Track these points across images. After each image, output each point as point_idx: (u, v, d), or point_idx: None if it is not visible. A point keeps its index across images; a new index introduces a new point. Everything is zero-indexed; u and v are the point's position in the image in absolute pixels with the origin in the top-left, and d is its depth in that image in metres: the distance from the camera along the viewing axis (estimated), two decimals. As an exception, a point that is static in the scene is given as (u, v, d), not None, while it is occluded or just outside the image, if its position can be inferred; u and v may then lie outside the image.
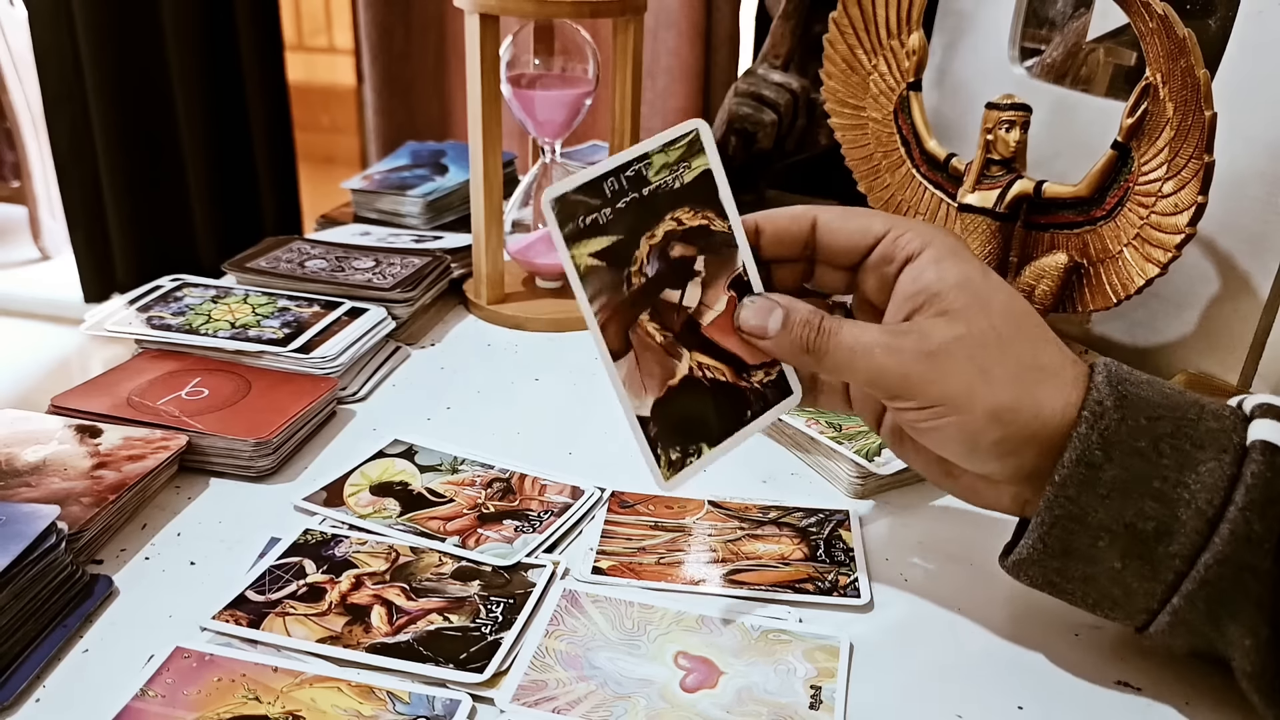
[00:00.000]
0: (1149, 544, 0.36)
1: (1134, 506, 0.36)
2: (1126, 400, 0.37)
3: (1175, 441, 0.36)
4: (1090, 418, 0.37)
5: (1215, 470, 0.36)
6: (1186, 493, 0.36)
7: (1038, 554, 0.39)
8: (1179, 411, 0.37)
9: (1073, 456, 0.37)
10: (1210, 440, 0.36)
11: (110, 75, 1.85)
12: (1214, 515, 0.35)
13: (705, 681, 0.41)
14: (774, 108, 0.77)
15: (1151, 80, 0.53)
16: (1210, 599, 0.36)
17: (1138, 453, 0.36)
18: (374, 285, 0.70)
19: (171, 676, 0.39)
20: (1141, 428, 0.37)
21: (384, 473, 0.54)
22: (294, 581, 0.45)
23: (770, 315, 0.42)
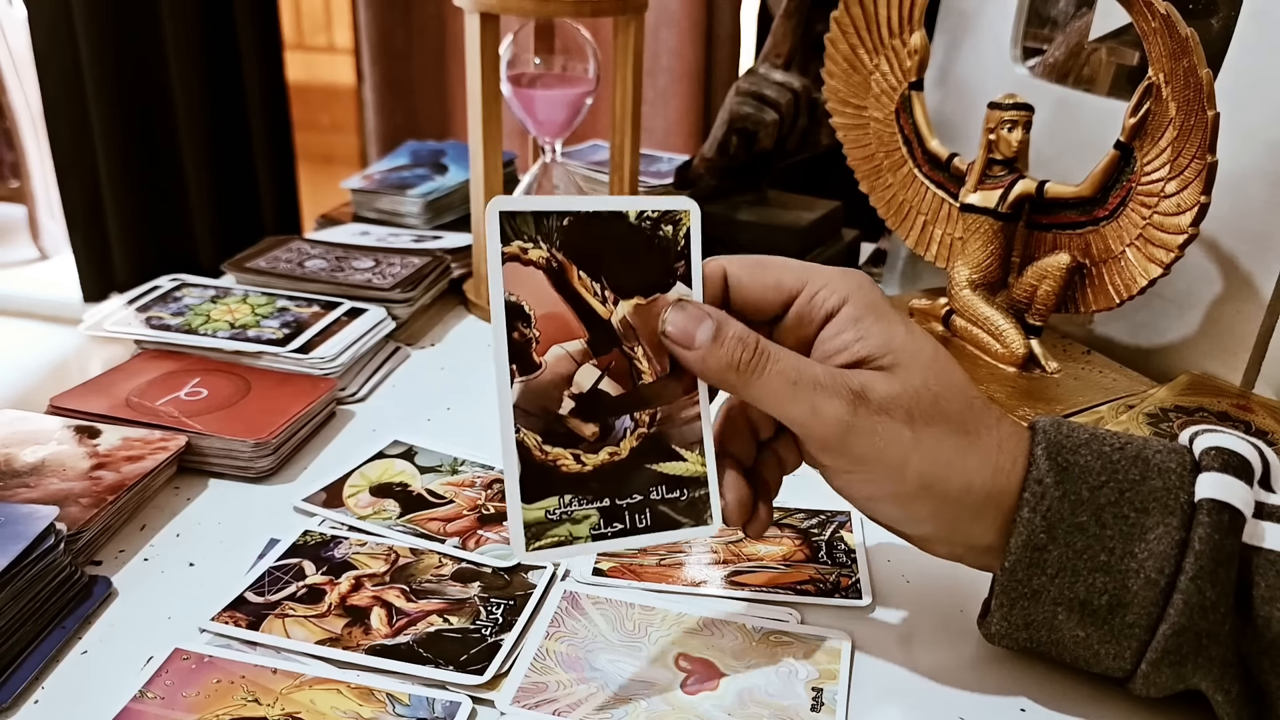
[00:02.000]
0: (1105, 616, 0.36)
1: (1084, 583, 0.36)
2: (1067, 473, 0.36)
3: (1119, 510, 0.36)
4: (1032, 499, 0.36)
5: (1163, 537, 0.35)
6: (1134, 563, 0.35)
7: (1005, 628, 0.39)
8: (1121, 474, 0.36)
9: (1018, 541, 0.36)
10: (1155, 503, 0.36)
11: (110, 75, 1.85)
12: (1166, 585, 0.35)
13: (706, 683, 0.40)
14: (775, 107, 0.77)
15: (1154, 80, 0.53)
16: (1175, 664, 0.36)
17: (1079, 529, 0.36)
18: (374, 285, 0.70)
19: (170, 678, 0.39)
20: (1083, 501, 0.36)
21: (384, 474, 0.54)
22: (293, 583, 0.45)
23: (701, 324, 0.37)
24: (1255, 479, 0.37)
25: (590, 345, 0.38)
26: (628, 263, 0.39)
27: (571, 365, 0.38)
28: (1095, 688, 0.41)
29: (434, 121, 1.80)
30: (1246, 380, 0.58)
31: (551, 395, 0.38)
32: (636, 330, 0.39)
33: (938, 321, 0.67)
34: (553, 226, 0.37)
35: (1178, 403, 0.56)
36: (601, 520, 0.38)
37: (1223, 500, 0.35)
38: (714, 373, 0.38)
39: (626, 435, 0.39)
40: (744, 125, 0.78)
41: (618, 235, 0.39)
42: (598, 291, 0.38)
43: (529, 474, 0.37)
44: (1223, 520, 0.35)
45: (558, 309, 0.38)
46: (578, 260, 0.38)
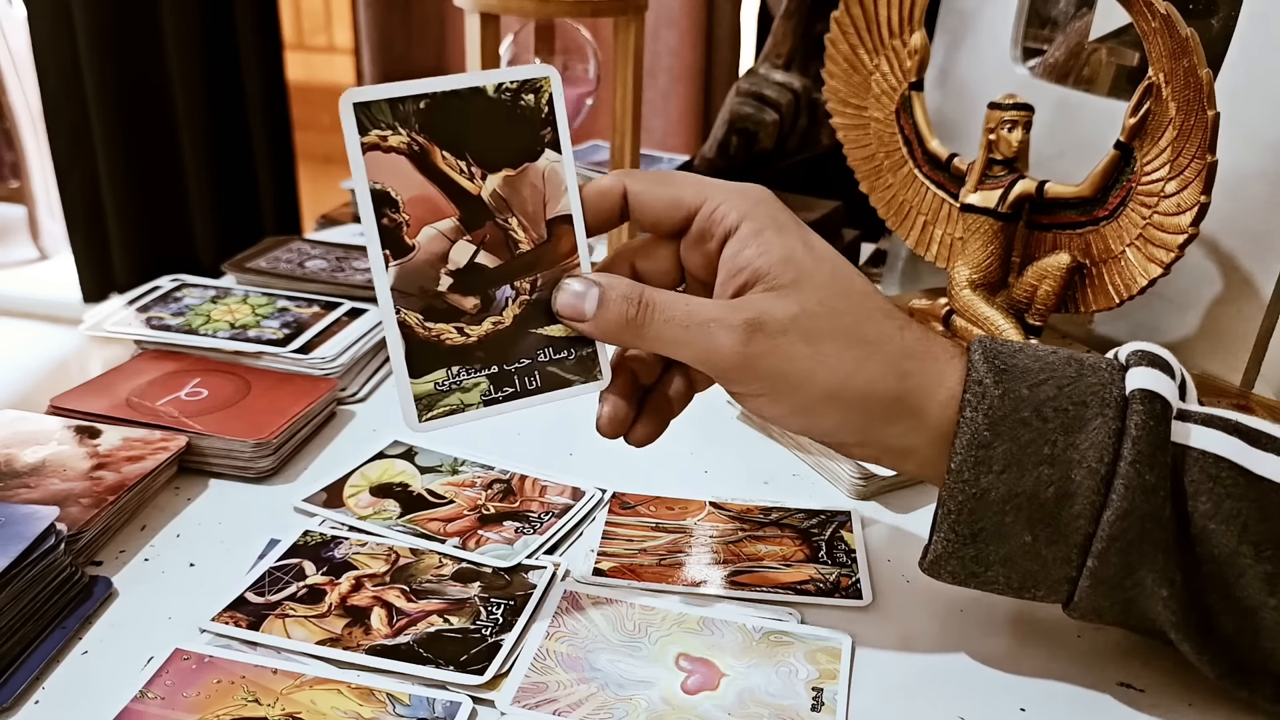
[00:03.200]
0: (1052, 510, 0.37)
1: (1030, 475, 0.37)
2: (1006, 373, 0.37)
3: (1058, 404, 0.37)
4: (973, 399, 0.37)
5: (1101, 428, 0.36)
6: (1076, 454, 0.36)
7: (950, 545, 0.39)
8: (1058, 373, 0.38)
9: (963, 441, 0.37)
10: (1092, 396, 0.37)
11: (109, 75, 1.85)
12: (1106, 473, 0.36)
13: (706, 683, 0.40)
14: (775, 107, 0.77)
15: (1154, 80, 0.53)
16: (1121, 552, 0.36)
17: (1023, 423, 0.37)
18: (374, 285, 0.70)
19: (171, 678, 0.39)
20: (1023, 398, 0.37)
21: (384, 474, 0.54)
22: (293, 583, 0.45)
23: (586, 297, 0.39)
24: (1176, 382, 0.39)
25: (462, 222, 0.39)
26: (492, 136, 0.39)
27: (445, 243, 0.39)
28: (1095, 687, 0.41)
29: (434, 121, 1.80)
30: (1246, 380, 0.58)
31: (428, 274, 0.39)
32: (509, 201, 0.39)
33: (938, 321, 0.67)
34: (409, 110, 0.38)
35: (1178, 403, 0.56)
36: (491, 386, 0.40)
37: (1153, 390, 0.37)
38: (610, 335, 0.40)
39: (509, 304, 0.40)
40: (744, 125, 0.78)
41: (478, 110, 0.39)
42: (464, 169, 0.39)
43: (414, 350, 0.39)
44: (1155, 408, 0.36)
45: (425, 191, 0.39)
46: (440, 140, 0.39)
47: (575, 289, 0.40)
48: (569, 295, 0.40)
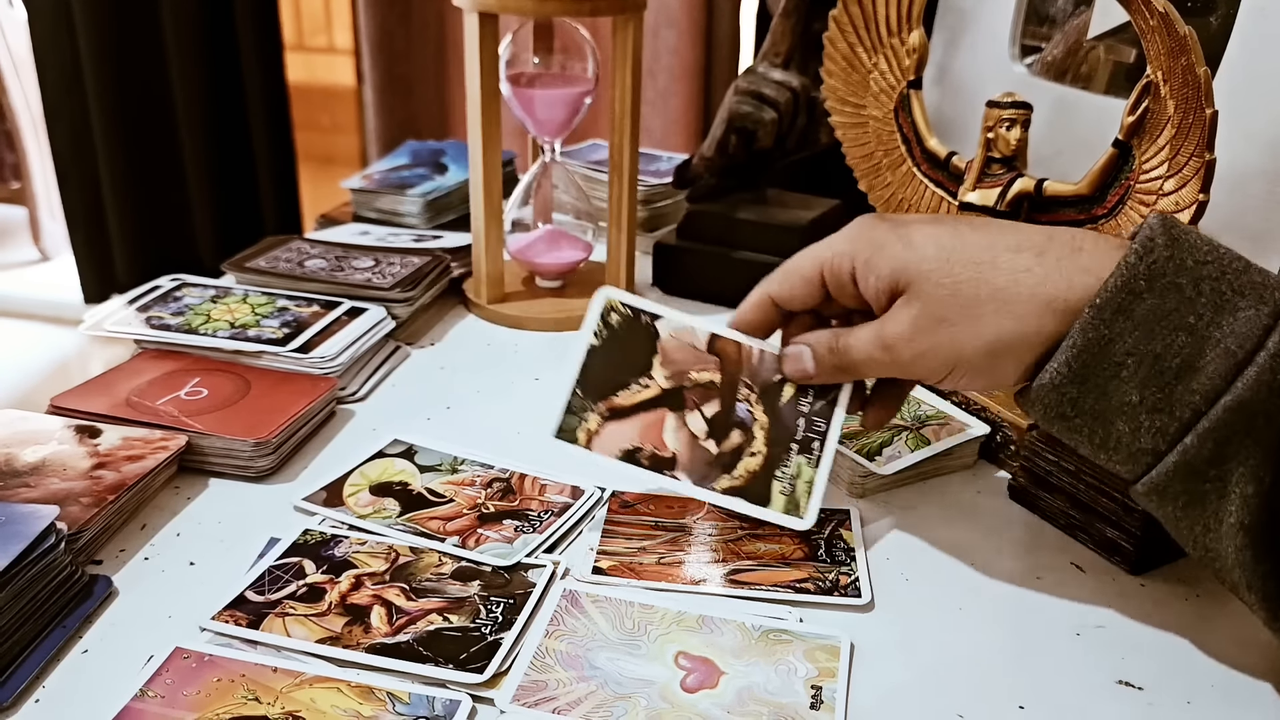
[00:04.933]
0: (1170, 379, 0.37)
1: (1164, 339, 0.37)
2: (1177, 241, 0.38)
3: (1217, 285, 0.37)
4: (1140, 249, 0.38)
5: (1252, 319, 0.37)
6: (1218, 332, 0.37)
7: (1060, 379, 0.40)
8: (1226, 261, 0.38)
9: (1116, 283, 0.38)
10: (1252, 290, 0.37)
11: (110, 76, 1.85)
12: (1242, 359, 0.36)
13: (706, 682, 0.40)
14: (774, 106, 0.77)
15: (1152, 78, 0.53)
16: (1221, 441, 0.36)
17: (1176, 288, 0.37)
18: (373, 285, 0.70)
19: (171, 677, 0.39)
20: (1187, 267, 0.38)
21: (383, 473, 0.54)
22: (293, 582, 0.45)
23: (802, 359, 0.48)
24: None
25: (671, 410, 0.50)
26: (636, 351, 0.51)
27: (683, 432, 0.49)
28: (1094, 686, 0.41)
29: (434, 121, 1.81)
30: (1245, 378, 0.58)
31: (700, 454, 0.49)
32: (676, 372, 0.50)
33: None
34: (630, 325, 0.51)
35: (1177, 400, 0.56)
36: (805, 455, 0.49)
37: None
38: (833, 379, 0.48)
39: (752, 414, 0.49)
40: (743, 124, 0.78)
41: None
42: (638, 384, 0.51)
43: (750, 491, 0.49)
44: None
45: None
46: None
47: (791, 354, 0.48)
48: (791, 362, 0.48)
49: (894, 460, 0.54)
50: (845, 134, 0.72)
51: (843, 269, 0.45)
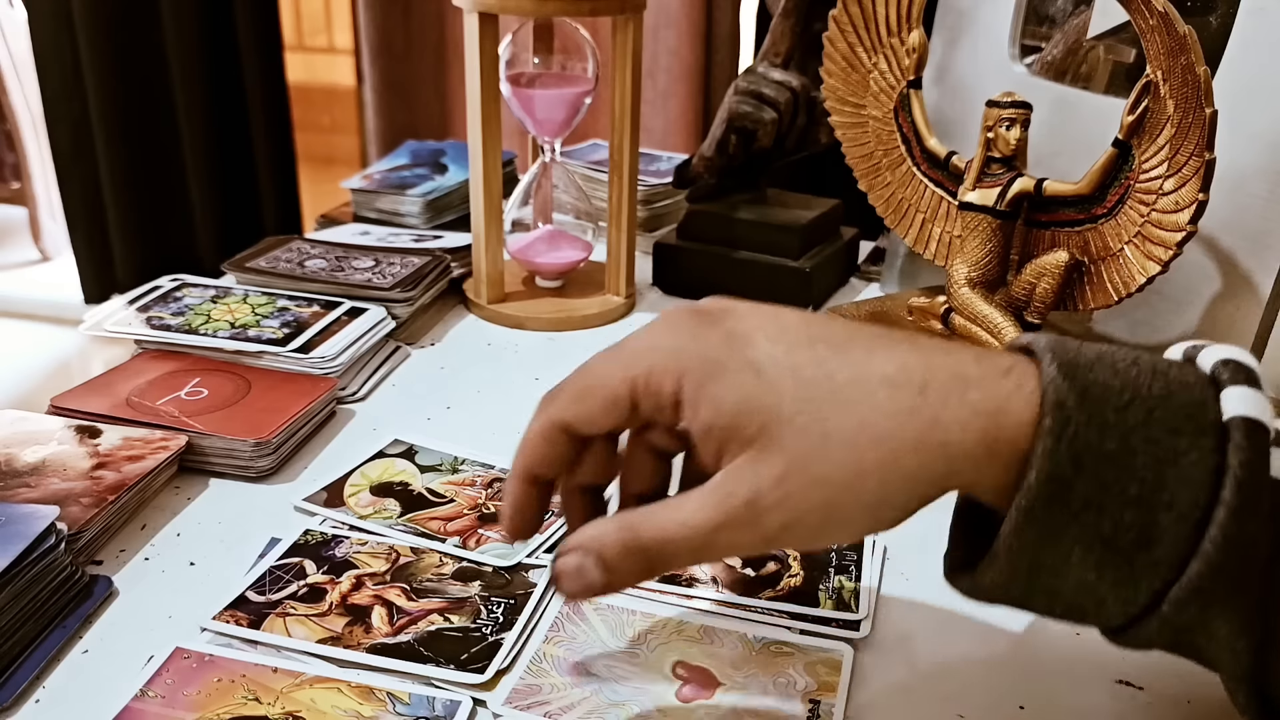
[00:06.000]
0: (1128, 554, 0.31)
1: (1110, 519, 0.31)
2: (1089, 395, 0.31)
3: (1148, 433, 0.31)
4: (1055, 426, 0.31)
5: (1198, 463, 0.31)
6: (1166, 494, 0.31)
7: (1003, 578, 0.33)
8: (1145, 390, 0.31)
9: (1040, 476, 0.31)
10: (1185, 421, 0.31)
11: (110, 76, 1.85)
12: (1200, 517, 0.30)
13: (701, 692, 0.40)
14: (774, 106, 0.77)
15: (1152, 78, 0.53)
16: (1203, 606, 0.31)
17: (1108, 459, 0.31)
18: (374, 285, 0.70)
19: (171, 677, 0.39)
20: (1109, 426, 0.31)
21: (384, 473, 0.54)
22: (294, 582, 0.45)
23: (585, 572, 0.34)
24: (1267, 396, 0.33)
25: None
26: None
27: None
28: (1094, 686, 0.41)
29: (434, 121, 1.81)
30: (1245, 377, 0.58)
31: None
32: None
33: (937, 320, 0.67)
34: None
35: (1176, 400, 0.56)
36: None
37: (1256, 419, 0.31)
38: (637, 583, 0.35)
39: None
40: (743, 124, 0.78)
41: None
42: None
43: None
44: (1259, 442, 0.30)
45: None
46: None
47: (567, 566, 0.34)
48: (569, 579, 0.34)
49: None
50: (845, 134, 0.72)
51: (663, 390, 0.34)
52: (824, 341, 0.33)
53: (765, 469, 0.32)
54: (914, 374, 0.33)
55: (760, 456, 0.32)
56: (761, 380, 0.33)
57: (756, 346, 0.33)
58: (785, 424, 0.32)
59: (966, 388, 0.32)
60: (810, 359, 0.33)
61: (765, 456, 0.32)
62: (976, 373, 0.33)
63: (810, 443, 0.32)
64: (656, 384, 0.34)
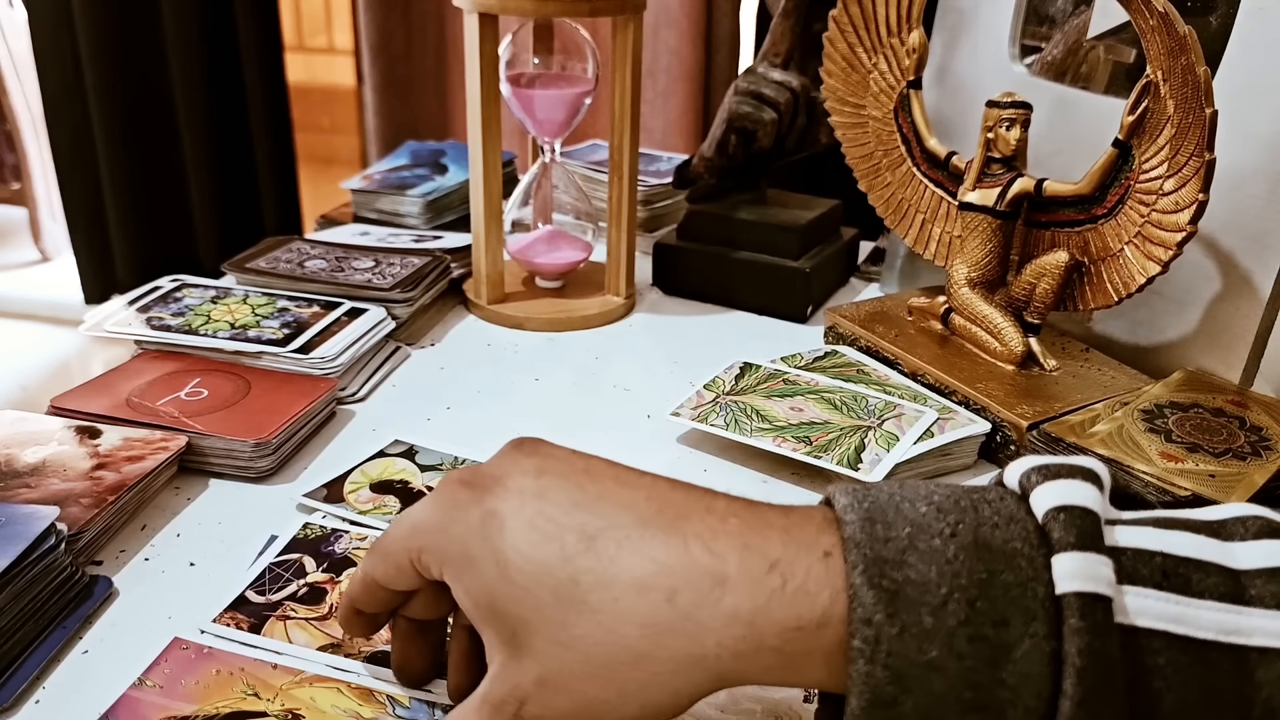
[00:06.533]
0: None
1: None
2: (899, 598, 0.28)
3: (973, 629, 0.28)
4: (865, 648, 0.28)
5: (1031, 653, 0.28)
6: (1006, 691, 0.28)
7: None
8: (965, 577, 0.28)
9: (861, 703, 0.28)
10: (1012, 608, 0.28)
11: (110, 76, 1.85)
12: (1047, 710, 0.28)
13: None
14: (774, 106, 0.77)
15: (1152, 78, 0.53)
16: None
17: (934, 668, 0.28)
18: (374, 285, 0.70)
19: (169, 666, 0.39)
20: (927, 632, 0.28)
21: (384, 471, 0.54)
22: (294, 581, 0.45)
23: None
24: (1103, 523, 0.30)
25: None
26: None
27: None
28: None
29: (434, 122, 1.81)
30: (1245, 378, 0.59)
31: None
32: None
33: (936, 320, 0.67)
34: None
35: (1173, 399, 0.56)
36: None
37: (1091, 592, 0.28)
38: None
39: None
40: (743, 124, 0.78)
41: None
42: None
43: None
44: (1096, 619, 0.27)
45: None
46: None
47: None
48: None
49: (877, 466, 0.53)
50: (845, 134, 0.72)
51: (431, 571, 0.33)
52: (577, 532, 0.31)
53: (525, 673, 0.31)
54: (664, 577, 0.30)
55: (517, 657, 0.31)
56: (506, 579, 0.31)
57: (506, 537, 0.32)
58: (535, 633, 0.31)
59: (721, 589, 0.29)
60: (557, 557, 0.31)
61: (522, 660, 0.31)
62: (735, 568, 0.30)
63: (565, 657, 0.30)
64: (426, 564, 0.34)
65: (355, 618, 0.38)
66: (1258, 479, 0.48)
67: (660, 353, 0.72)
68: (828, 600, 0.29)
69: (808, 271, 0.76)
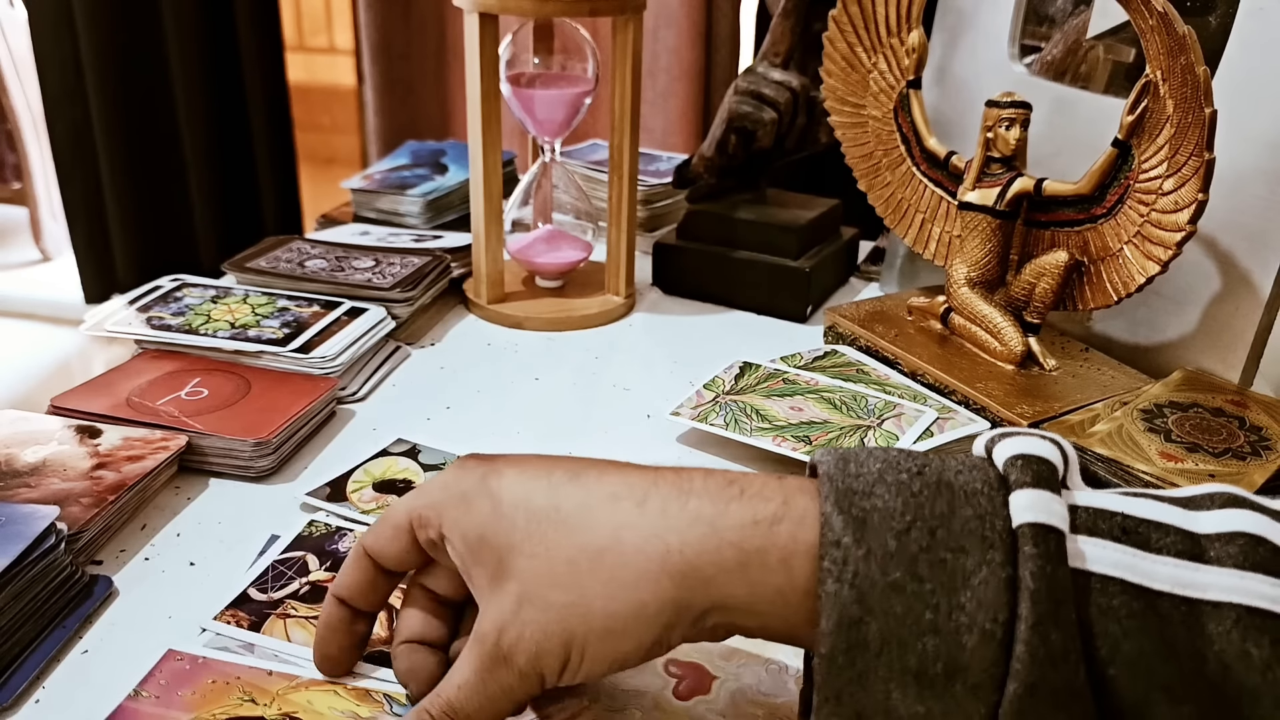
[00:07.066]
0: (944, 685, 0.30)
1: (913, 651, 0.30)
2: (866, 525, 0.30)
3: (933, 555, 0.30)
4: (833, 568, 0.30)
5: (988, 580, 0.29)
6: (964, 616, 0.29)
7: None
8: (927, 509, 0.30)
9: (830, 622, 0.30)
10: (971, 537, 0.30)
11: (110, 76, 1.85)
12: (1004, 635, 0.29)
13: (698, 688, 0.40)
14: (774, 106, 0.77)
15: (1151, 77, 0.53)
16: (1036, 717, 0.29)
17: (896, 588, 0.30)
18: (374, 285, 0.70)
19: (165, 677, 0.39)
20: (891, 555, 0.30)
21: (387, 470, 0.54)
22: (296, 579, 0.45)
23: None
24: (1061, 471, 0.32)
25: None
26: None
27: None
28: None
29: (434, 121, 1.81)
30: (1245, 377, 0.59)
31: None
32: None
33: (936, 319, 0.67)
34: None
35: (1172, 399, 0.56)
36: None
37: (1044, 523, 0.30)
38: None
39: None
40: (742, 124, 0.78)
41: None
42: None
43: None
44: (1049, 547, 0.29)
45: None
46: None
47: None
48: None
49: None
50: (844, 134, 0.72)
51: (430, 524, 0.36)
52: (564, 470, 0.35)
53: (505, 600, 0.33)
54: (635, 489, 0.33)
55: (499, 586, 0.34)
56: (498, 514, 0.34)
57: (503, 479, 0.35)
58: (516, 552, 0.33)
59: (687, 497, 0.33)
60: (544, 487, 0.34)
61: (503, 586, 0.33)
62: (700, 483, 0.33)
63: (538, 568, 0.33)
64: (426, 518, 0.36)
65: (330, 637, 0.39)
66: (1257, 478, 0.48)
67: (660, 352, 0.72)
68: (780, 503, 0.32)
69: (807, 271, 0.76)
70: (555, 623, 0.33)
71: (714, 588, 0.32)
